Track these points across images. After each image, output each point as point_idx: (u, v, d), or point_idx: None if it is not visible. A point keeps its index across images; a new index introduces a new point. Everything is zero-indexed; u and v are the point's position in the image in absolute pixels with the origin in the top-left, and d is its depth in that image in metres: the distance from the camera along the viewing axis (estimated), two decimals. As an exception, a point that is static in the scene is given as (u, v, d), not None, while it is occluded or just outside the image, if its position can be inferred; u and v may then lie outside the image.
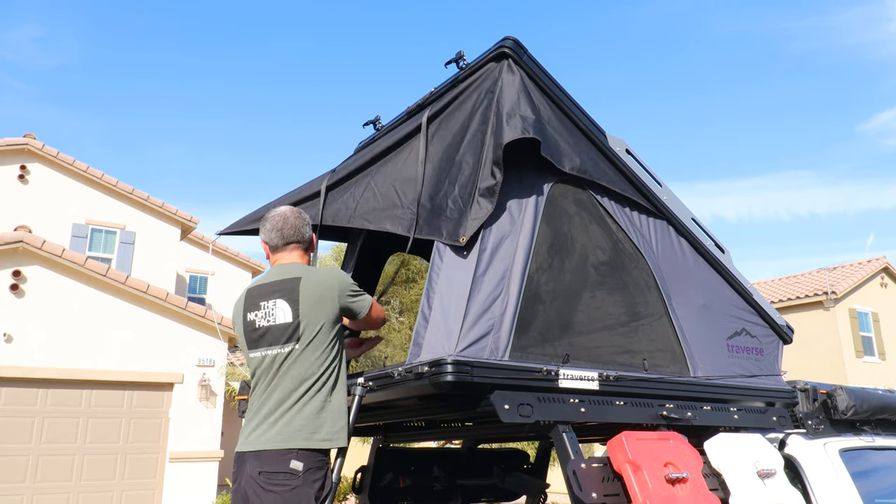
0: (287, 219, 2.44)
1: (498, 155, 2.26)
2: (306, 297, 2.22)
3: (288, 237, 2.41)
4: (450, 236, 2.22)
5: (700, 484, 2.18)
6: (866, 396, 3.32)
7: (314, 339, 2.19)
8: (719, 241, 3.04)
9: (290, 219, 2.44)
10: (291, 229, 2.42)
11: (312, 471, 2.08)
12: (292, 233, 2.41)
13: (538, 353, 2.25)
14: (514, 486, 3.76)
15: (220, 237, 3.05)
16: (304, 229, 2.45)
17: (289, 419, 2.12)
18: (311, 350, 2.19)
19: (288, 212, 2.47)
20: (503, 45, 2.46)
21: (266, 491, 2.05)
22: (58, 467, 9.08)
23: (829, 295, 18.94)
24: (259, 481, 2.07)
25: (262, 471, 2.07)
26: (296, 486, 2.05)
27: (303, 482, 2.05)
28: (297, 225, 2.44)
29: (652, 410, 2.45)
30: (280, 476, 2.05)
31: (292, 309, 2.21)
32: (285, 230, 2.42)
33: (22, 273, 9.33)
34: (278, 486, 2.05)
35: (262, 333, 2.26)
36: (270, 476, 2.06)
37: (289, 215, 2.45)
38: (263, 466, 2.08)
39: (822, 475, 2.91)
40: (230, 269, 17.34)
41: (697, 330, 2.79)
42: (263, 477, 2.07)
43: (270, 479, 2.06)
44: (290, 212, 2.47)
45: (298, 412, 2.13)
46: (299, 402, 2.14)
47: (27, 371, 9.07)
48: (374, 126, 3.30)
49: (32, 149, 12.91)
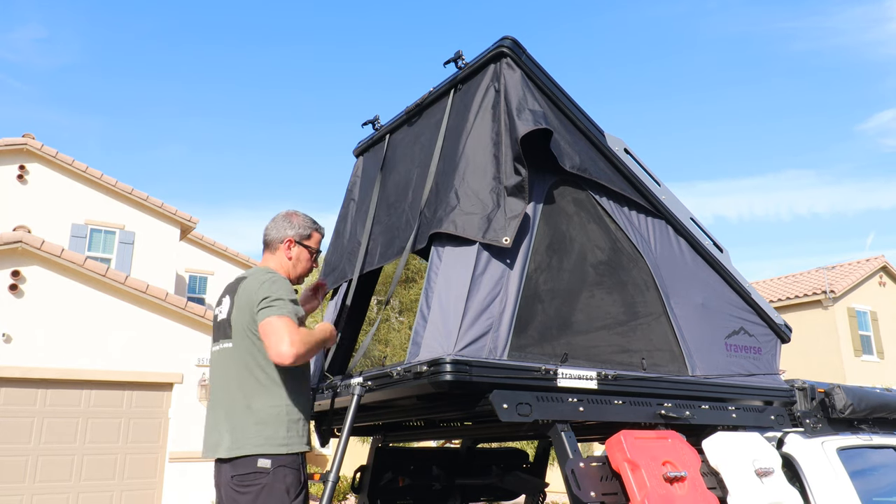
0: (272, 220, 2.53)
1: (517, 151, 2.24)
2: (238, 297, 2.31)
3: (264, 238, 2.53)
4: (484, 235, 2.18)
5: (698, 482, 2.18)
6: (864, 395, 3.33)
7: (242, 341, 2.26)
8: (718, 241, 3.05)
9: (272, 221, 2.53)
10: (266, 231, 2.52)
11: (282, 467, 2.15)
12: (265, 235, 2.52)
13: (537, 352, 2.26)
14: (514, 485, 3.76)
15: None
16: (274, 234, 2.49)
17: (241, 423, 2.19)
18: (241, 352, 2.26)
19: (280, 213, 2.55)
20: (502, 45, 2.46)
21: (240, 494, 2.13)
22: (57, 467, 9.08)
23: (827, 294, 18.95)
24: (232, 486, 2.16)
25: (234, 475, 2.16)
26: (266, 483, 2.11)
27: (273, 479, 2.12)
28: (270, 227, 2.51)
29: (650, 409, 2.45)
30: (250, 476, 2.14)
31: (229, 307, 2.33)
32: (264, 232, 2.53)
33: (21, 273, 9.32)
34: (250, 486, 2.13)
35: (216, 327, 2.41)
36: (242, 478, 2.15)
37: (276, 216, 2.54)
38: (234, 470, 2.16)
39: (820, 474, 2.92)
40: (230, 269, 17.32)
41: (696, 329, 2.80)
42: (235, 480, 2.15)
43: (242, 482, 2.14)
44: (280, 213, 2.55)
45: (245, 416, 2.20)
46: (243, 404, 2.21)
47: (26, 371, 9.07)
48: (373, 126, 3.31)
49: (31, 149, 12.90)
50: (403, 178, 2.86)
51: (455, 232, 2.22)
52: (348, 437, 2.17)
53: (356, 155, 3.49)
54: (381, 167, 3.10)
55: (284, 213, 2.53)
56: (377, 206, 3.02)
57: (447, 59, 2.65)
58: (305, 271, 2.54)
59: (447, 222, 2.25)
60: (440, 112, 2.73)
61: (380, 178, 3.09)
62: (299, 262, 2.49)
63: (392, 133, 3.15)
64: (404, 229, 2.66)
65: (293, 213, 2.53)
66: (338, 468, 2.15)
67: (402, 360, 2.26)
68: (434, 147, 2.63)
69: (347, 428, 2.18)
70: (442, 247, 2.27)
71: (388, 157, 3.11)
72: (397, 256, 2.65)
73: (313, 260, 2.55)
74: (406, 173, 2.86)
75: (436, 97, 2.81)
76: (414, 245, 2.50)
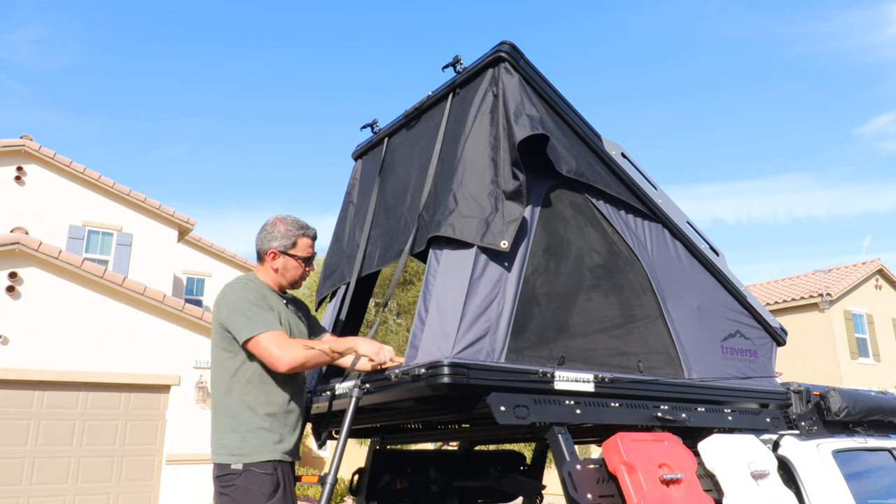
0: (261, 228, 2.53)
1: (515, 155, 2.26)
2: (214, 308, 2.40)
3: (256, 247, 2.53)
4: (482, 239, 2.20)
5: (694, 485, 2.20)
6: (859, 398, 3.35)
7: (215, 350, 2.36)
8: (714, 244, 3.07)
9: (260, 230, 2.52)
10: (256, 241, 2.53)
11: (251, 470, 2.20)
12: (256, 244, 2.53)
13: (534, 355, 2.27)
14: (511, 487, 3.77)
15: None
16: (258, 245, 2.49)
17: (219, 429, 2.29)
18: (217, 361, 2.35)
19: (268, 220, 2.53)
20: (500, 50, 2.48)
21: (221, 495, 2.22)
22: (54, 469, 9.05)
23: (824, 297, 19.01)
24: (217, 486, 2.26)
25: (216, 475, 2.26)
26: (239, 484, 2.18)
27: (245, 480, 2.18)
28: (257, 238, 2.52)
29: (647, 412, 2.47)
30: (226, 478, 2.22)
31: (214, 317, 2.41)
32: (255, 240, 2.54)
33: (18, 275, 9.31)
34: (228, 488, 2.20)
35: None
36: (220, 479, 2.23)
37: (264, 224, 2.52)
38: (216, 471, 2.26)
39: (816, 476, 2.93)
40: (227, 271, 17.30)
41: (692, 332, 2.81)
42: (217, 482, 2.25)
43: (221, 482, 2.23)
44: (268, 220, 2.52)
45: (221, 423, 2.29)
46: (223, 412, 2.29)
47: (23, 373, 9.05)
48: (372, 129, 3.32)
49: (29, 150, 12.88)
50: (402, 182, 2.88)
51: (453, 235, 2.24)
52: (346, 440, 2.18)
53: (355, 158, 3.51)
54: (379, 170, 3.12)
55: (271, 220, 2.49)
56: (376, 209, 3.03)
57: (446, 64, 2.67)
58: (297, 277, 2.50)
59: (445, 226, 2.26)
60: (439, 116, 2.74)
61: (378, 181, 3.10)
62: (287, 270, 2.46)
63: (391, 136, 3.17)
64: (403, 232, 2.67)
65: (279, 219, 2.48)
66: (335, 470, 2.16)
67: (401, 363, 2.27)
68: (432, 151, 2.64)
69: (345, 430, 2.19)
70: (440, 250, 2.29)
71: (386, 161, 3.12)
72: (395, 259, 2.66)
73: (305, 264, 2.50)
74: (404, 177, 2.87)
75: (434, 101, 2.82)
76: (412, 248, 2.51)
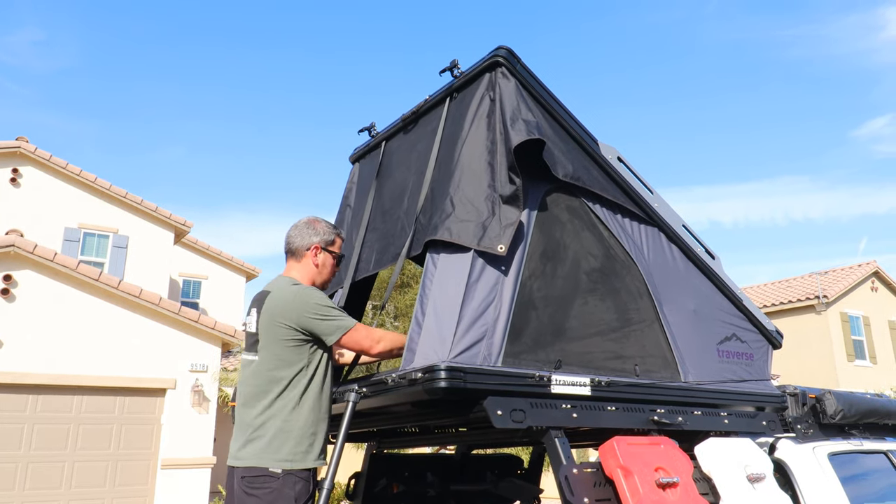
0: (293, 227, 2.53)
1: (511, 160, 2.27)
2: (266, 311, 2.33)
3: (287, 247, 2.52)
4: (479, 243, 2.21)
5: (690, 488, 2.20)
6: (854, 401, 3.36)
7: (269, 355, 2.29)
8: (710, 248, 3.07)
9: (293, 228, 2.53)
10: (288, 239, 2.52)
11: (291, 475, 2.17)
12: (288, 243, 2.52)
13: (531, 359, 2.27)
14: (508, 491, 3.77)
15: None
16: (299, 241, 2.49)
17: (261, 435, 2.23)
18: (267, 365, 2.29)
19: (301, 220, 2.55)
20: (497, 54, 2.48)
21: (248, 496, 2.17)
22: (48, 474, 9.00)
23: (820, 299, 19.07)
24: (242, 486, 2.20)
25: (244, 476, 2.20)
26: (275, 488, 2.15)
27: (282, 484, 2.15)
28: (294, 235, 2.51)
29: (643, 415, 2.47)
30: (259, 479, 2.17)
31: (257, 320, 2.35)
32: (287, 240, 2.52)
33: (13, 277, 9.27)
34: (258, 489, 2.16)
35: (245, 336, 2.43)
36: (251, 480, 2.18)
37: (297, 223, 2.53)
38: (246, 472, 2.20)
39: (812, 479, 2.94)
40: (224, 274, 17.28)
41: (688, 335, 2.82)
42: (245, 482, 2.19)
43: (252, 484, 2.18)
44: (301, 220, 2.54)
45: (265, 428, 2.23)
46: (264, 416, 2.25)
47: (17, 377, 9.00)
48: (370, 133, 3.32)
49: (25, 152, 12.84)
50: (399, 185, 2.88)
51: (450, 239, 2.24)
52: (343, 444, 2.18)
53: (352, 161, 3.51)
54: (376, 174, 3.12)
55: (306, 219, 2.54)
56: (373, 213, 3.03)
57: (443, 68, 2.67)
58: (330, 276, 2.57)
59: (442, 229, 2.26)
60: (436, 120, 2.75)
61: (375, 184, 3.10)
62: (325, 268, 2.52)
63: (388, 140, 3.17)
64: (399, 236, 2.67)
65: (315, 219, 2.55)
66: (332, 475, 2.16)
67: (396, 367, 2.27)
68: (430, 154, 2.65)
69: (342, 435, 2.18)
70: (437, 254, 2.29)
71: (383, 164, 3.12)
72: (392, 262, 2.67)
73: (337, 265, 2.57)
74: (402, 180, 2.88)
75: (431, 105, 2.83)
76: (409, 251, 2.52)
